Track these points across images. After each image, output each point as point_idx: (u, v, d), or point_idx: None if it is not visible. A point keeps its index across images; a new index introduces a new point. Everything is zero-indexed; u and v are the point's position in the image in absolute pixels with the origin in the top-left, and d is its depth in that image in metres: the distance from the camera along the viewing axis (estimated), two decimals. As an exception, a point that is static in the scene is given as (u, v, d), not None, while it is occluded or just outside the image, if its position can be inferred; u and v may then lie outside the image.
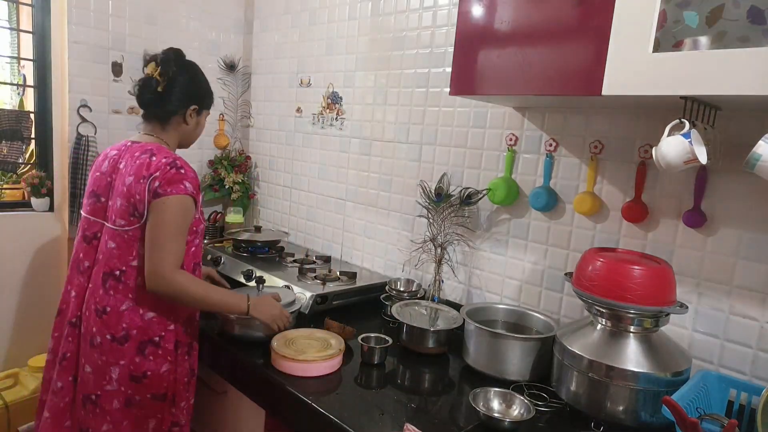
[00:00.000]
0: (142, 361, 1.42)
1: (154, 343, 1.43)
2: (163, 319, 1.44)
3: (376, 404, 1.27)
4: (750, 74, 0.94)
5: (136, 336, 1.41)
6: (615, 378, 1.20)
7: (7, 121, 2.23)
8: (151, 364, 1.43)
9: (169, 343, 1.45)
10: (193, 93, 1.50)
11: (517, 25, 1.29)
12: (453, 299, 1.89)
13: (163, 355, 1.44)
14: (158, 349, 1.43)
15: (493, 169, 1.77)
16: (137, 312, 1.41)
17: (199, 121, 1.56)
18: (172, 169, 1.37)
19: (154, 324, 1.43)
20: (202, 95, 1.54)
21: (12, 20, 2.56)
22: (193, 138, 1.60)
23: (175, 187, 1.36)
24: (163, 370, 1.44)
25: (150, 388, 1.44)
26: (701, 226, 1.34)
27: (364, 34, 2.17)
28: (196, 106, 1.51)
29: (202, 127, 1.59)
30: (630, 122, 1.46)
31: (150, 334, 1.42)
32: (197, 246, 1.50)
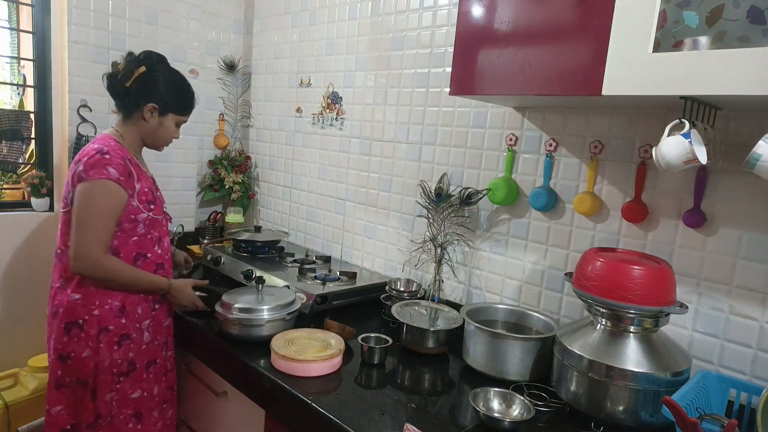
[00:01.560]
0: (68, 341, 1.48)
1: (77, 325, 1.48)
2: (87, 302, 1.48)
3: (376, 404, 1.27)
4: (750, 74, 0.94)
5: (62, 315, 1.48)
6: (615, 378, 1.20)
7: (7, 121, 2.23)
8: (74, 346, 1.48)
9: (92, 328, 1.48)
10: (156, 93, 1.54)
11: (517, 25, 1.29)
12: (453, 299, 1.89)
13: (84, 339, 1.48)
14: (81, 332, 1.48)
15: (493, 169, 1.77)
16: (65, 291, 1.49)
17: (162, 122, 1.58)
18: (97, 155, 1.43)
19: (79, 306, 1.48)
20: (167, 98, 1.56)
21: (12, 20, 2.56)
22: (156, 139, 1.61)
23: (97, 172, 1.41)
24: (83, 355, 1.48)
25: (74, 371, 1.49)
26: (701, 226, 1.34)
27: (364, 34, 2.17)
28: (154, 105, 1.54)
29: (167, 129, 1.60)
30: (630, 122, 1.46)
31: (75, 315, 1.48)
32: (141, 236, 1.54)
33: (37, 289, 2.31)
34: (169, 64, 1.61)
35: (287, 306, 1.60)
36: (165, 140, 1.64)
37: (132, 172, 1.50)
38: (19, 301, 2.28)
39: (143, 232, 1.54)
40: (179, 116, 1.62)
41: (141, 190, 1.52)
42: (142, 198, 1.52)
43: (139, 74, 1.52)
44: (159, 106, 1.55)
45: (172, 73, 1.60)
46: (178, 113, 1.61)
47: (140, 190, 1.52)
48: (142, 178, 1.54)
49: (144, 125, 1.57)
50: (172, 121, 1.60)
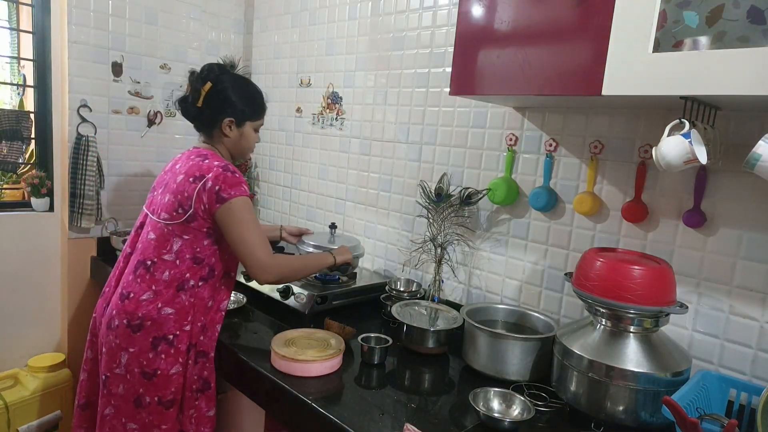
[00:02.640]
0: (154, 357, 1.43)
1: (167, 340, 1.44)
2: (180, 317, 1.45)
3: (376, 404, 1.27)
4: (750, 74, 0.94)
5: (150, 328, 1.43)
6: (615, 378, 1.20)
7: (7, 121, 2.23)
8: (162, 363, 1.43)
9: (182, 344, 1.45)
10: (225, 106, 1.52)
11: (517, 25, 1.29)
12: (453, 299, 1.89)
13: (174, 355, 1.44)
14: (171, 348, 1.44)
15: (493, 169, 1.77)
16: (155, 304, 1.44)
17: (242, 133, 1.57)
18: (228, 173, 1.44)
19: (170, 321, 1.44)
20: (237, 107, 1.54)
21: (12, 20, 2.56)
22: (241, 149, 1.61)
23: (237, 189, 1.44)
24: (172, 372, 1.44)
25: (159, 389, 1.44)
26: (701, 226, 1.34)
27: (364, 34, 2.17)
28: (231, 119, 1.54)
29: (248, 137, 1.59)
30: (630, 122, 1.46)
31: (164, 330, 1.43)
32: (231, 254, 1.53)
33: (37, 289, 2.31)
34: (231, 73, 1.59)
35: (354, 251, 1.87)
36: (249, 149, 1.63)
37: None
38: (19, 301, 2.28)
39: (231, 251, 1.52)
40: (256, 122, 1.60)
41: None
42: None
43: (207, 92, 1.51)
44: (236, 119, 1.54)
45: (237, 80, 1.57)
46: (254, 119, 1.59)
47: None
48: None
49: (227, 140, 1.57)
50: (251, 128, 1.59)
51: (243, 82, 1.59)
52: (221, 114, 1.53)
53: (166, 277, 1.45)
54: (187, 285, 1.46)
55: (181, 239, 1.45)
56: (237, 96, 1.54)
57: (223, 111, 1.53)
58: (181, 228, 1.45)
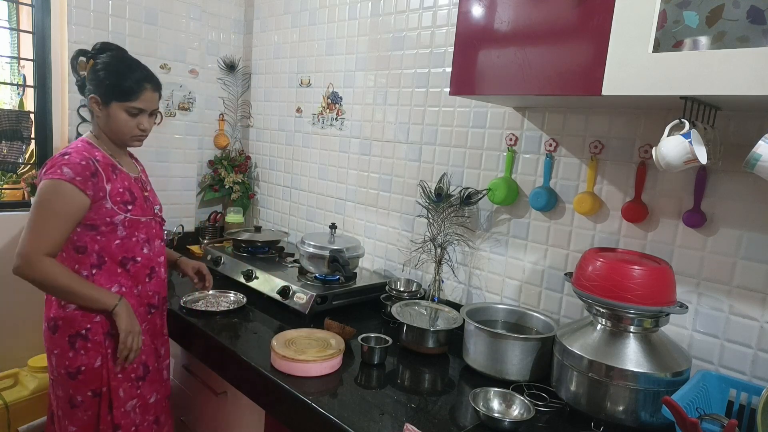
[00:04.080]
0: (75, 356, 1.42)
1: (81, 336, 1.42)
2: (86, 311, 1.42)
3: (376, 404, 1.27)
4: (750, 74, 0.94)
5: (63, 327, 1.42)
6: (615, 378, 1.20)
7: (7, 121, 2.23)
8: (83, 359, 1.42)
9: (98, 335, 1.42)
10: (96, 83, 1.45)
11: (517, 25, 1.29)
12: (453, 299, 1.89)
13: (93, 348, 1.42)
14: (87, 342, 1.42)
15: (493, 169, 1.77)
16: (59, 302, 1.42)
17: (109, 113, 1.45)
18: (57, 156, 1.38)
19: (78, 316, 1.41)
20: (107, 85, 1.43)
21: (12, 20, 2.56)
22: (113, 131, 1.48)
23: (52, 172, 1.35)
24: (96, 365, 1.42)
25: (88, 384, 1.43)
26: (701, 226, 1.34)
27: (364, 34, 2.17)
28: (94, 96, 1.45)
29: (118, 120, 1.46)
30: (630, 122, 1.46)
31: (75, 326, 1.41)
32: (124, 238, 1.46)
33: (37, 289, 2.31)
34: (116, 52, 1.49)
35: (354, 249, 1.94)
36: (123, 132, 1.48)
37: (98, 172, 1.40)
38: (19, 301, 2.27)
39: (125, 235, 1.46)
40: (123, 103, 1.44)
41: (114, 191, 1.43)
42: (116, 199, 1.43)
43: (87, 69, 1.47)
44: (99, 97, 1.44)
45: (115, 59, 1.47)
46: (119, 100, 1.44)
47: (112, 190, 1.42)
48: (117, 179, 1.45)
49: (99, 120, 1.48)
50: (118, 109, 1.45)
51: (120, 60, 1.48)
52: (89, 91, 1.46)
53: None
54: (81, 276, 1.41)
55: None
56: (106, 74, 1.44)
57: (91, 87, 1.46)
58: None
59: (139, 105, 1.47)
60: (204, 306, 1.83)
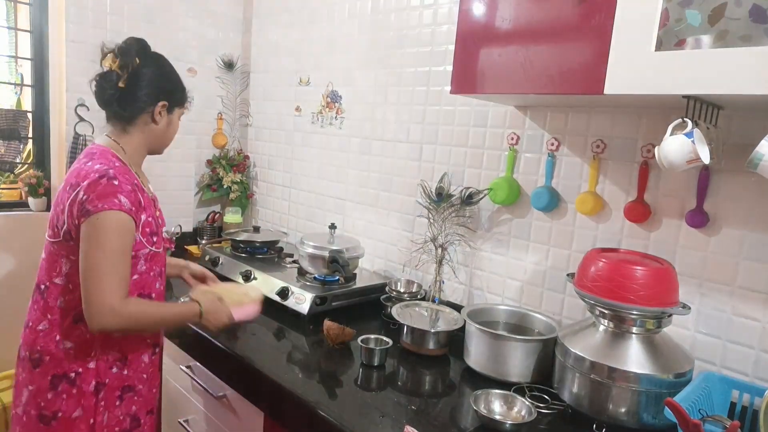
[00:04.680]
0: (54, 398, 1.23)
1: (68, 379, 1.23)
2: (80, 353, 1.24)
3: (376, 406, 1.27)
4: (752, 73, 0.93)
5: (48, 364, 1.24)
6: (617, 379, 1.19)
7: (5, 120, 2.22)
8: (62, 404, 1.23)
9: (86, 384, 1.24)
10: (161, 87, 1.31)
11: (518, 23, 1.28)
12: (454, 300, 1.88)
13: (76, 396, 1.24)
14: (72, 387, 1.24)
15: (495, 169, 1.76)
16: (53, 337, 1.24)
17: (171, 120, 1.36)
18: (103, 180, 1.17)
19: (71, 356, 1.23)
20: (171, 90, 1.34)
21: (9, 19, 2.54)
22: (165, 141, 1.39)
23: (108, 202, 1.15)
24: (74, 416, 1.24)
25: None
26: (704, 226, 1.33)
27: (364, 33, 2.16)
28: (165, 102, 1.31)
29: (175, 127, 1.39)
30: (632, 121, 1.45)
31: (65, 367, 1.23)
32: (142, 273, 1.28)
33: (35, 290, 2.30)
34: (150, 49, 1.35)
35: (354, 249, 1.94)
36: (172, 139, 1.40)
37: (141, 201, 1.24)
38: (18, 301, 2.26)
39: (144, 269, 1.28)
40: (183, 108, 1.40)
41: (145, 221, 1.26)
42: (145, 230, 1.26)
43: (134, 68, 1.26)
44: (168, 103, 1.32)
45: (163, 59, 1.36)
46: (182, 105, 1.39)
47: (145, 221, 1.26)
48: (147, 206, 1.27)
49: (153, 129, 1.32)
50: (177, 115, 1.38)
51: (168, 62, 1.37)
52: (157, 96, 1.30)
53: (60, 305, 1.24)
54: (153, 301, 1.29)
55: (68, 260, 1.22)
56: (167, 76, 1.33)
57: (159, 93, 1.30)
58: (64, 247, 1.22)
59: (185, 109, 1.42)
60: (203, 306, 1.82)
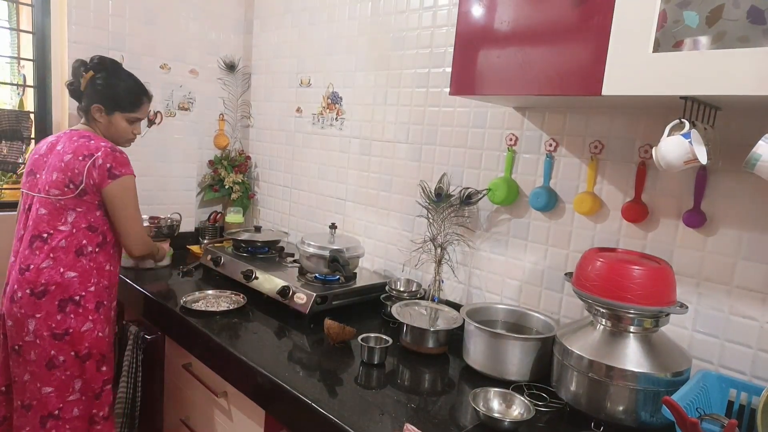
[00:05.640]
0: (63, 318, 1.57)
1: (74, 301, 1.59)
2: (83, 280, 1.61)
3: (375, 404, 1.27)
4: (750, 74, 0.94)
5: (54, 292, 1.57)
6: (615, 378, 1.20)
7: (7, 121, 2.23)
8: (72, 322, 1.58)
9: (90, 303, 1.62)
10: (100, 94, 1.69)
11: (517, 25, 1.29)
12: (453, 299, 1.89)
13: (83, 314, 1.60)
14: (78, 308, 1.60)
15: (493, 169, 1.77)
16: (57, 270, 1.58)
17: (111, 121, 1.72)
18: (116, 152, 1.63)
19: (75, 283, 1.59)
20: (110, 97, 1.70)
21: (12, 20, 2.56)
22: (111, 135, 1.74)
23: (127, 169, 1.64)
24: (83, 329, 1.60)
25: (72, 346, 1.58)
26: (701, 226, 1.34)
27: (364, 34, 2.17)
28: (99, 105, 1.69)
29: (118, 127, 1.74)
30: (630, 122, 1.46)
31: (70, 292, 1.58)
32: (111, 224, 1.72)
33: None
34: (116, 67, 1.75)
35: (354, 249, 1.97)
36: (121, 136, 1.76)
37: None
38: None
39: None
40: (126, 113, 1.73)
41: None
42: None
43: (87, 79, 1.69)
44: (104, 107, 1.70)
45: (116, 74, 1.73)
46: (123, 111, 1.73)
47: None
48: None
49: (99, 125, 1.72)
50: (120, 118, 1.73)
51: (121, 77, 1.75)
52: (92, 100, 1.70)
53: (63, 245, 1.58)
54: (86, 250, 1.62)
55: (75, 212, 1.60)
56: (110, 87, 1.71)
57: (95, 98, 1.70)
58: (74, 201, 1.60)
59: (138, 115, 1.78)
60: (204, 306, 1.83)
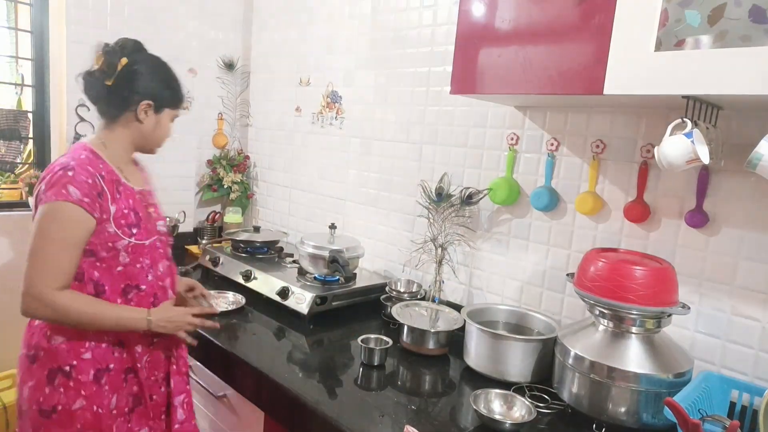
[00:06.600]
0: (51, 393, 1.25)
1: (63, 372, 1.25)
2: (73, 345, 1.26)
3: (376, 406, 1.27)
4: (752, 73, 0.93)
5: (44, 360, 1.26)
6: (617, 379, 1.19)
7: (5, 120, 2.22)
8: (61, 398, 1.25)
9: (84, 374, 1.25)
10: (147, 87, 1.32)
11: (518, 23, 1.28)
12: (454, 300, 1.88)
13: (75, 387, 1.25)
14: (69, 380, 1.25)
15: (494, 169, 1.76)
16: (44, 333, 1.27)
17: (159, 120, 1.36)
18: (60, 171, 1.20)
19: (63, 351, 1.25)
20: (159, 91, 1.34)
21: (10, 19, 2.55)
22: (153, 141, 1.40)
23: (55, 192, 1.18)
24: (75, 407, 1.25)
25: (60, 426, 1.25)
26: (703, 226, 1.33)
27: (364, 33, 2.16)
28: (150, 102, 1.32)
29: (164, 128, 1.40)
30: (632, 122, 1.45)
31: (59, 361, 1.25)
32: (127, 265, 1.29)
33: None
34: (147, 51, 1.39)
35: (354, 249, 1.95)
36: (162, 141, 1.42)
37: (104, 192, 1.24)
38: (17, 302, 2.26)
39: (128, 261, 1.29)
40: (175, 110, 1.40)
41: (118, 212, 1.26)
42: (120, 222, 1.26)
43: (122, 68, 1.29)
44: (155, 102, 1.33)
45: (156, 60, 1.38)
46: (173, 107, 1.39)
47: (116, 212, 1.26)
48: (122, 197, 1.29)
49: (137, 127, 1.34)
50: (168, 117, 1.39)
51: (162, 63, 1.39)
52: (142, 95, 1.31)
53: None
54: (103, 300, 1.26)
55: None
56: (157, 77, 1.35)
57: (145, 92, 1.32)
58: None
59: (182, 111, 1.43)
60: (203, 306, 1.82)
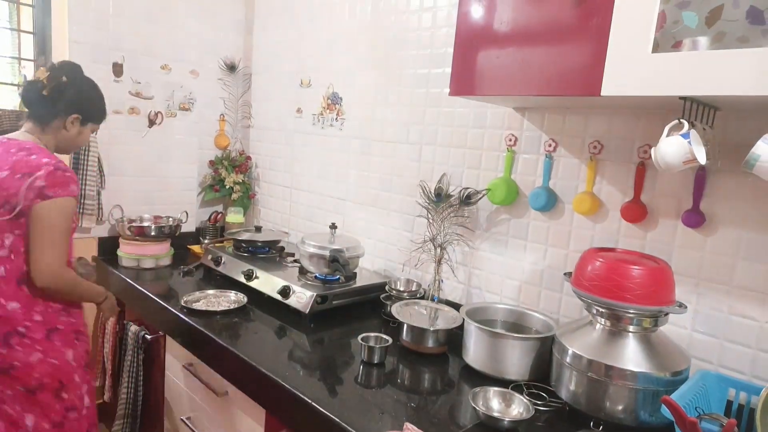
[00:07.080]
0: (9, 352, 1.45)
1: (19, 333, 1.47)
2: (27, 309, 1.48)
3: (375, 403, 1.28)
4: (749, 75, 0.94)
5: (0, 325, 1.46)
6: (614, 377, 1.20)
7: (8, 121, 2.23)
8: (18, 355, 1.46)
9: (38, 333, 1.49)
10: (78, 103, 1.60)
11: (516, 25, 1.29)
12: (453, 299, 1.89)
13: (30, 345, 1.47)
14: (24, 338, 1.47)
15: (493, 170, 1.77)
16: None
17: (81, 131, 1.64)
18: (58, 172, 1.47)
19: (18, 314, 1.47)
20: (87, 108, 1.63)
21: (12, 20, 2.56)
22: (73, 146, 1.68)
23: (63, 190, 1.48)
24: (32, 360, 1.47)
25: (19, 380, 1.46)
26: (700, 226, 1.34)
27: (364, 35, 2.17)
28: (78, 116, 1.60)
29: (84, 137, 1.68)
30: (629, 122, 1.46)
31: (13, 324, 1.46)
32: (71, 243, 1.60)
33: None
34: (83, 74, 1.65)
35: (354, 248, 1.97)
36: (80, 147, 1.74)
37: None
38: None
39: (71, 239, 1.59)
40: (96, 125, 1.70)
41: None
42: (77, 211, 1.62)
43: (62, 84, 1.56)
44: (81, 116, 1.61)
45: (89, 82, 1.66)
46: (96, 122, 1.69)
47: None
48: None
49: (64, 134, 1.61)
50: (90, 129, 1.68)
51: (94, 85, 1.68)
52: (70, 109, 1.58)
53: (2, 273, 1.46)
54: (28, 277, 1.48)
55: (13, 234, 1.47)
56: (89, 97, 1.65)
57: (74, 107, 1.59)
58: (10, 224, 1.46)
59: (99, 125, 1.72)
60: (204, 306, 1.84)
